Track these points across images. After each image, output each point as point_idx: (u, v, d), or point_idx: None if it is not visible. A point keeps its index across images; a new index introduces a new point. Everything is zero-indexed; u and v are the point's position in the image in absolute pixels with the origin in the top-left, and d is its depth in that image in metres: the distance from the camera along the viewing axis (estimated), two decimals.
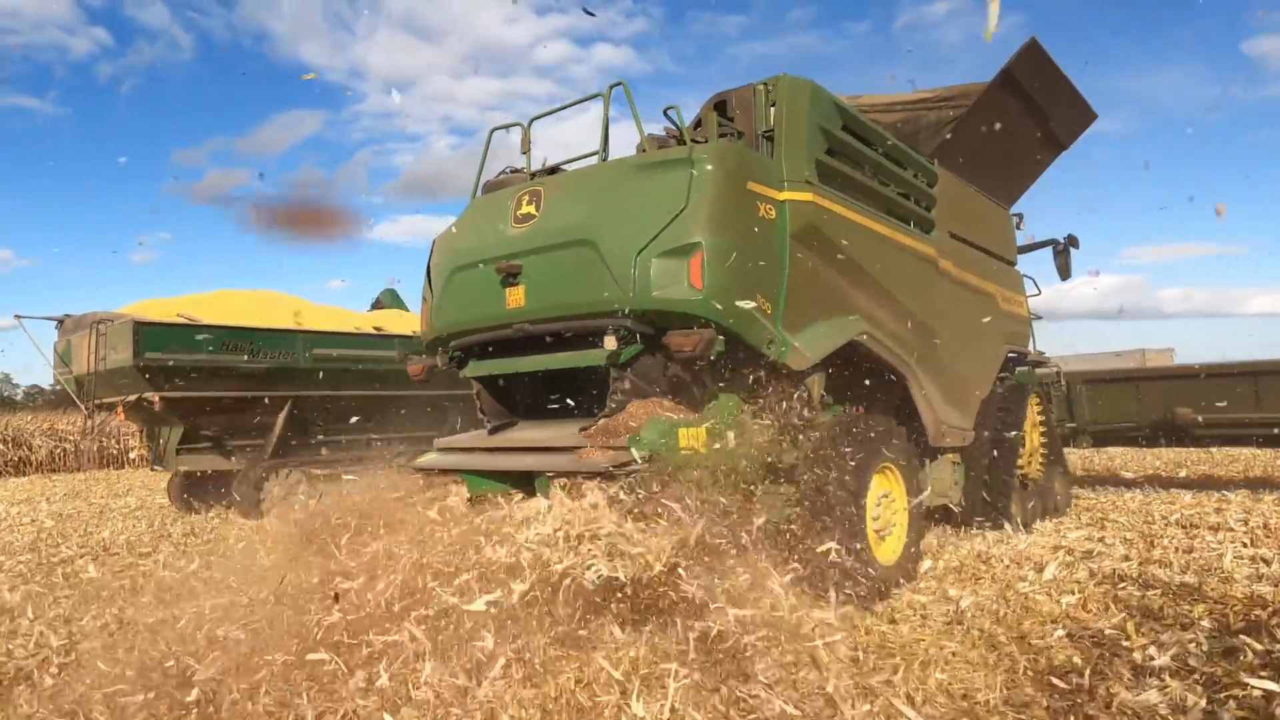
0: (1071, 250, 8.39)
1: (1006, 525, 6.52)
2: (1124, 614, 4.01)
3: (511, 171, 5.81)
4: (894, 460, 5.08)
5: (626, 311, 4.46)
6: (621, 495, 3.92)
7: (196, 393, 9.83)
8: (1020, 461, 6.99)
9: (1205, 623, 3.85)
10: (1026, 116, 7.16)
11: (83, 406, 10.55)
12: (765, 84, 5.03)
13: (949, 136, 6.71)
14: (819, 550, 4.16)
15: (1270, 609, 4.03)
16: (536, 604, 3.41)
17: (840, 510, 4.37)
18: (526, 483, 4.84)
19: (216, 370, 9.84)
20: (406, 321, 13.05)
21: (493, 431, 5.44)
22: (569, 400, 5.42)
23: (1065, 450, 8.67)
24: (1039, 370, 7.77)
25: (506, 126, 5.70)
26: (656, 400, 4.72)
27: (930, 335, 5.86)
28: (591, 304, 4.61)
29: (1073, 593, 4.50)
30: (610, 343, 4.50)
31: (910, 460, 5.31)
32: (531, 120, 5.49)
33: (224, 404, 10.12)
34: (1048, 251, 8.49)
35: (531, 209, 5.01)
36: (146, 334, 9.41)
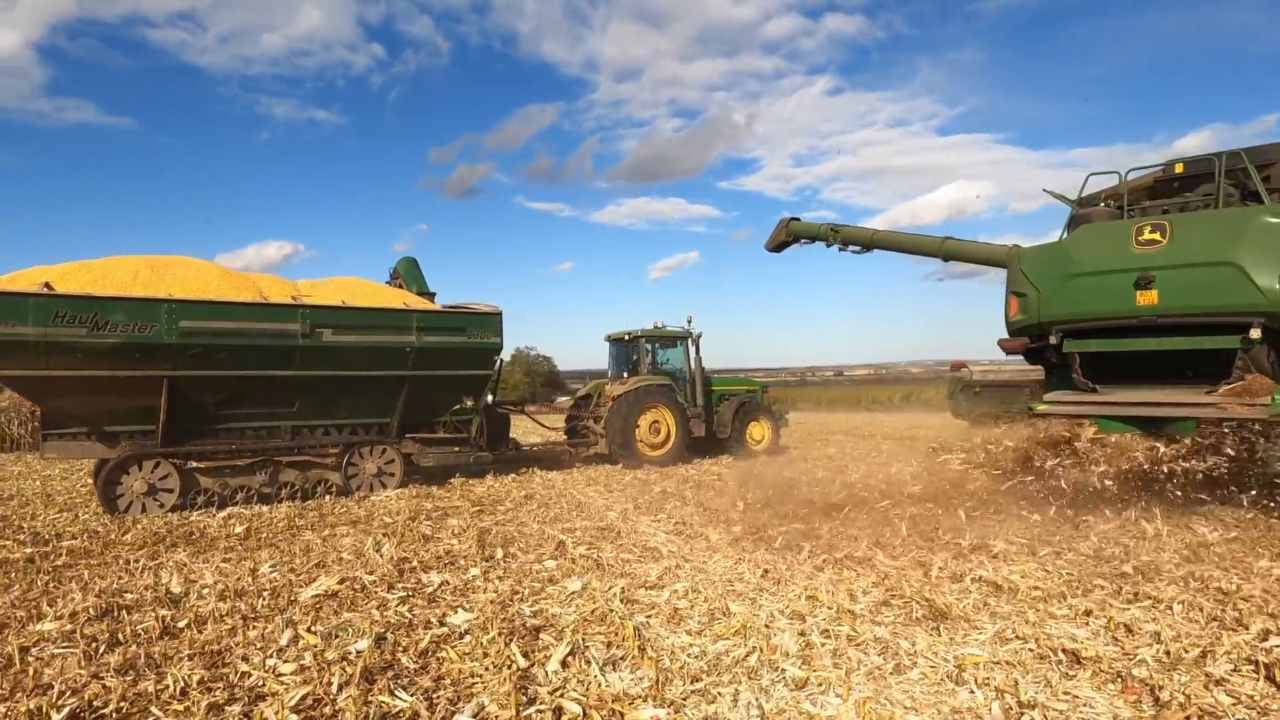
0: None
1: None
2: None
3: (1091, 206, 8.49)
4: None
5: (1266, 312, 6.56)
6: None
7: (27, 371, 8.59)
8: None
9: None
10: None
11: None
12: None
13: None
14: None
15: None
16: None
17: None
18: (1143, 425, 7.25)
19: (49, 345, 8.46)
20: (355, 291, 11.27)
21: (1101, 390, 7.75)
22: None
23: None
24: None
25: (1103, 173, 8.56)
26: (1259, 374, 6.79)
27: None
28: (1229, 306, 6.69)
29: None
30: (1255, 333, 6.57)
31: None
32: (1128, 171, 8.04)
33: (71, 384, 8.84)
34: None
35: (1156, 236, 7.09)
36: None
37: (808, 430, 24.41)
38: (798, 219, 14.33)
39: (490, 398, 12.69)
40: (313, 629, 4.25)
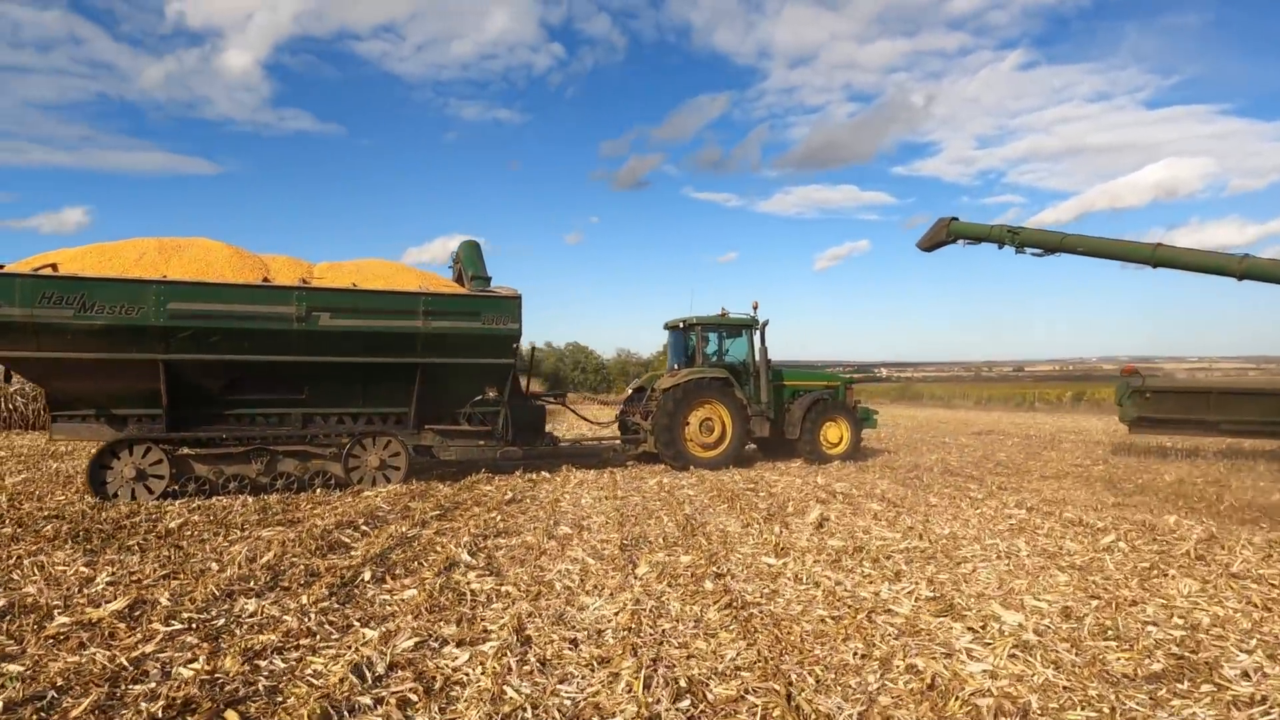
0: None
1: None
2: None
3: None
4: None
5: None
6: None
7: (18, 352, 8.48)
8: None
9: None
10: None
11: None
12: None
13: None
14: None
15: None
16: None
17: None
18: None
19: (38, 326, 8.37)
20: (391, 276, 10.67)
21: None
22: None
23: None
24: None
25: None
26: None
27: None
28: None
29: None
30: None
31: None
32: None
33: (65, 366, 8.73)
34: None
35: None
36: None
37: (940, 429, 21.94)
38: (957, 219, 14.18)
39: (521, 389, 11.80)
40: None
